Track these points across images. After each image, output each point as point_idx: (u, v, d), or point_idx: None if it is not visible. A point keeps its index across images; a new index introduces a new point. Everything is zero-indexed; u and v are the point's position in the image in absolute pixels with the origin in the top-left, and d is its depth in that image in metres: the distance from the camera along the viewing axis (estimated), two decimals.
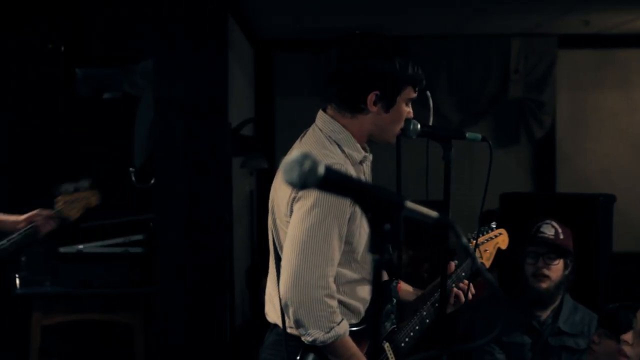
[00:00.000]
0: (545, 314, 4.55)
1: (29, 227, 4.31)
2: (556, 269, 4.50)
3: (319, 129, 2.89)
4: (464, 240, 1.69)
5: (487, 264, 3.45)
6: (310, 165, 1.52)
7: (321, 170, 1.52)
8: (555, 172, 9.45)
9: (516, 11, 7.97)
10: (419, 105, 3.09)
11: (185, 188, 5.39)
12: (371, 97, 2.82)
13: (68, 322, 5.64)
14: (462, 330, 4.87)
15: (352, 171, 2.85)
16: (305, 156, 1.52)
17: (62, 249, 5.49)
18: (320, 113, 2.94)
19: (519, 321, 4.52)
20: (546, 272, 4.49)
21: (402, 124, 2.95)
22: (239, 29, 7.87)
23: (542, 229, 4.55)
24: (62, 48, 6.09)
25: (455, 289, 3.23)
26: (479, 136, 3.22)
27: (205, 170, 5.41)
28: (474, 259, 1.70)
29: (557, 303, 4.57)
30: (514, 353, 4.53)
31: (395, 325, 3.05)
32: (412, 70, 2.89)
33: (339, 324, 2.72)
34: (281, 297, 2.73)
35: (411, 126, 3.03)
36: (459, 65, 9.07)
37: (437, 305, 3.20)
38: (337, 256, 2.74)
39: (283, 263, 2.74)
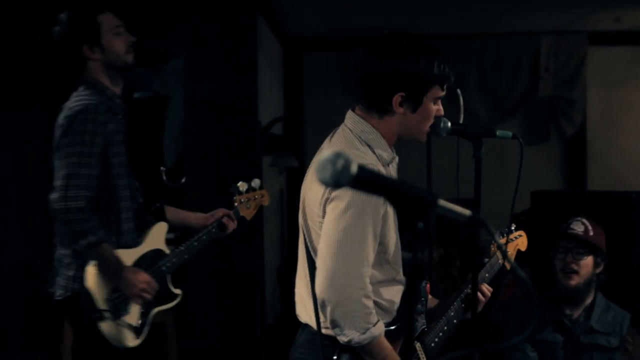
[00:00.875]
0: (577, 312, 4.53)
1: (215, 225, 4.30)
2: (585, 265, 4.48)
3: (349, 129, 2.89)
4: (498, 238, 1.68)
5: (507, 266, 3.44)
6: (344, 164, 1.52)
7: (354, 168, 1.52)
8: (586, 169, 9.40)
9: (546, 9, 7.94)
10: (449, 103, 3.08)
11: (216, 187, 5.40)
12: (396, 99, 2.81)
13: None
14: (493, 328, 4.86)
15: (383, 172, 2.84)
16: (338, 155, 1.52)
17: None
18: (350, 113, 2.93)
19: (551, 319, 4.51)
20: (574, 267, 4.48)
21: (430, 123, 2.93)
22: (268, 28, 7.88)
23: (572, 226, 4.55)
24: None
25: (484, 293, 3.23)
26: (510, 134, 3.21)
27: (235, 169, 5.42)
28: (506, 257, 1.70)
29: (589, 301, 4.55)
30: (545, 351, 4.51)
31: (425, 326, 3.05)
32: (439, 69, 2.87)
33: (374, 325, 2.71)
34: (317, 297, 2.72)
35: (442, 124, 3.02)
36: (489, 63, 9.04)
37: (463, 305, 3.20)
38: (372, 256, 2.72)
39: (319, 264, 2.73)
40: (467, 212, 1.68)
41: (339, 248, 2.67)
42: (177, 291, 4.12)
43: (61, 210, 3.80)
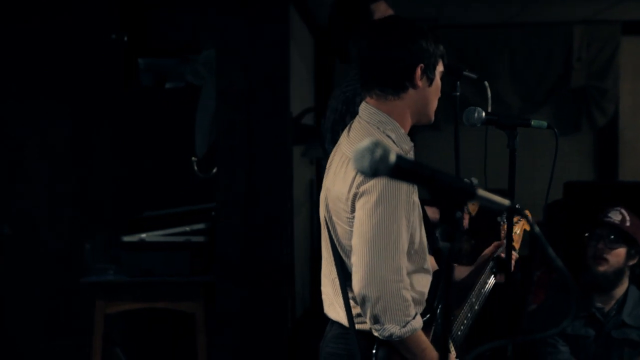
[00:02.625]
0: (609, 306, 4.50)
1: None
2: (616, 254, 4.46)
3: (366, 121, 2.88)
4: (536, 228, 1.67)
5: (517, 246, 3.42)
6: (382, 153, 1.50)
7: (393, 157, 1.51)
8: (618, 160, 9.33)
9: None
10: (478, 95, 3.07)
11: (247, 177, 5.40)
12: (418, 71, 2.81)
13: (131, 310, 5.69)
14: (527, 319, 4.84)
15: None
16: (376, 144, 1.51)
17: (125, 238, 5.54)
18: (364, 105, 2.92)
19: (582, 313, 4.49)
20: (606, 255, 4.46)
21: (437, 98, 2.95)
22: (300, 17, 7.87)
23: (609, 214, 4.53)
24: (125, 38, 6.13)
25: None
26: (545, 124, 3.19)
27: (266, 160, 5.42)
28: (546, 247, 1.68)
29: (621, 294, 4.52)
30: (577, 345, 4.49)
31: (452, 315, 3.04)
32: (439, 45, 2.90)
33: (414, 318, 2.71)
34: (357, 294, 2.70)
35: (476, 114, 3.01)
36: (521, 53, 8.99)
37: (488, 280, 3.20)
38: (406, 247, 2.72)
39: (355, 261, 2.72)
40: (506, 201, 1.67)
41: (375, 243, 2.66)
42: None
43: None
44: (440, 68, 2.91)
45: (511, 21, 8.91)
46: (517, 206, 1.67)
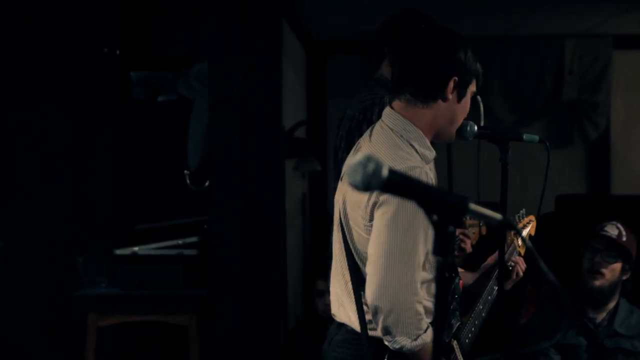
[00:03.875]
0: (601, 316, 4.52)
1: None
2: (612, 269, 4.48)
3: (389, 127, 2.86)
4: (529, 242, 1.68)
5: (522, 251, 3.43)
6: (374, 168, 1.51)
7: (385, 172, 1.52)
8: (610, 173, 9.35)
9: (570, 12, 7.90)
10: (470, 109, 3.08)
11: (239, 190, 5.41)
12: (451, 84, 2.81)
13: (123, 323, 5.68)
14: (519, 333, 4.85)
15: (431, 174, 2.83)
16: (368, 158, 1.52)
17: (117, 251, 5.54)
18: (389, 111, 2.90)
19: (574, 323, 4.50)
20: (602, 269, 4.47)
21: (464, 117, 2.94)
22: (292, 31, 7.89)
23: (606, 228, 4.54)
24: (118, 52, 6.14)
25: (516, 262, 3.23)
26: (537, 138, 3.20)
27: (258, 173, 5.43)
28: (538, 260, 1.69)
29: (612, 305, 4.54)
30: (569, 355, 4.50)
31: (459, 322, 3.04)
32: (478, 64, 2.91)
33: (425, 331, 2.71)
34: (369, 304, 2.71)
35: (468, 128, 3.02)
36: (513, 66, 9.01)
37: (489, 297, 3.21)
38: (422, 260, 2.72)
39: (370, 270, 2.71)
40: (498, 215, 1.68)
41: (391, 255, 2.66)
42: None
43: None
44: (472, 88, 2.91)
45: (503, 35, 8.94)
46: (521, 214, 1.67)
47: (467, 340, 3.05)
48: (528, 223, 3.60)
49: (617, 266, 4.48)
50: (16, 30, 6.19)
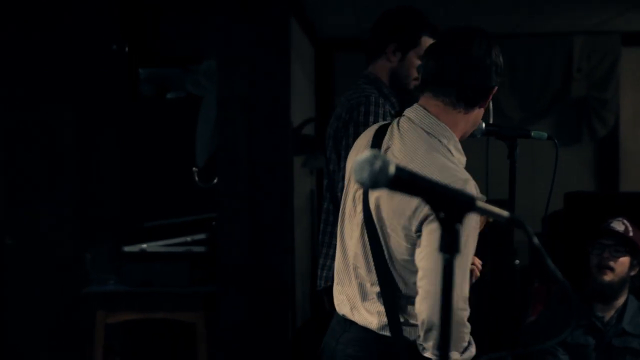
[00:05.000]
0: (609, 314, 4.50)
1: None
2: (621, 263, 4.47)
3: (423, 129, 2.77)
4: (535, 240, 1.67)
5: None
6: (382, 165, 1.51)
7: (392, 169, 1.52)
8: (619, 170, 9.33)
9: (579, 9, 7.89)
10: None
11: (247, 187, 5.41)
12: (493, 91, 2.79)
13: (132, 320, 5.69)
14: (526, 331, 4.84)
15: (474, 185, 2.71)
16: (375, 155, 1.52)
17: (125, 248, 5.55)
18: (421, 111, 2.80)
19: (582, 322, 4.49)
20: (611, 264, 4.46)
21: None
22: (300, 28, 7.89)
23: (612, 224, 4.54)
24: (126, 49, 6.14)
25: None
26: (545, 135, 3.20)
27: (266, 170, 5.43)
28: (545, 259, 1.68)
29: (620, 303, 4.53)
30: (577, 354, 4.49)
31: None
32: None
33: (470, 344, 2.69)
34: (424, 319, 2.63)
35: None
36: (522, 64, 9.00)
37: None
38: None
39: (425, 286, 2.64)
40: (505, 213, 1.67)
41: None
42: None
43: None
44: (494, 90, 2.85)
45: (512, 32, 8.92)
46: (518, 218, 1.67)
47: None
48: None
49: (626, 260, 4.48)
50: (23, 28, 6.20)
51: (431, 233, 2.62)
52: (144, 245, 5.56)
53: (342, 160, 3.85)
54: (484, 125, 3.03)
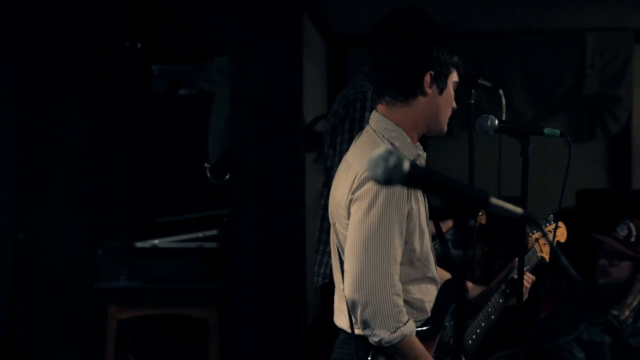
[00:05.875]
0: (624, 314, 4.49)
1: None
2: (618, 270, 4.44)
3: (373, 129, 2.87)
4: (549, 236, 1.67)
5: (547, 258, 3.41)
6: (396, 161, 1.51)
7: (406, 166, 1.52)
8: (631, 168, 9.29)
9: (592, 5, 7.87)
10: (492, 102, 3.06)
11: (259, 183, 5.42)
12: (427, 78, 2.80)
13: (143, 316, 5.71)
14: (539, 327, 4.83)
15: None
16: (390, 152, 1.52)
17: (138, 244, 5.57)
18: (374, 113, 2.91)
19: (598, 320, 4.47)
20: (608, 269, 4.44)
21: (451, 109, 2.93)
22: (312, 24, 7.88)
23: (617, 228, 4.51)
24: (139, 45, 6.16)
25: (526, 281, 3.22)
26: (558, 132, 3.19)
27: (279, 166, 5.43)
28: (559, 256, 1.68)
29: (636, 303, 4.51)
30: (592, 352, 4.47)
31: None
32: (455, 55, 2.89)
33: (405, 324, 2.70)
34: (347, 299, 2.72)
35: (489, 122, 3.01)
36: (534, 60, 8.96)
37: (501, 301, 3.19)
38: (399, 254, 2.72)
39: (346, 266, 2.73)
40: (519, 209, 1.67)
41: (365, 248, 2.67)
42: None
43: None
44: (454, 78, 2.89)
45: (524, 29, 8.90)
46: (531, 215, 1.67)
47: (469, 342, 3.04)
48: (555, 228, 3.58)
49: (625, 266, 4.45)
50: (38, 27, 6.22)
51: (353, 215, 2.72)
52: (156, 241, 5.57)
53: (337, 156, 3.84)
54: (496, 122, 3.02)
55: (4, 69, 6.24)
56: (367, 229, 2.67)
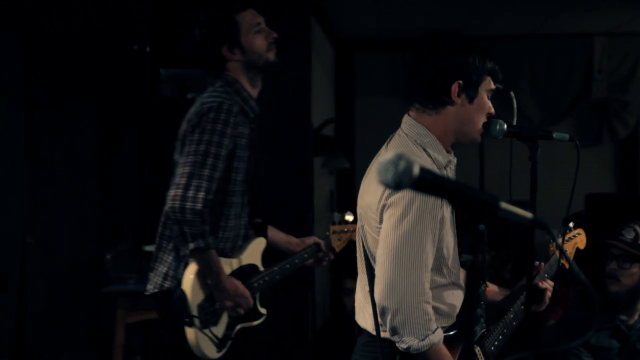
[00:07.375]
0: (633, 319, 4.48)
1: (308, 251, 4.29)
2: (629, 274, 4.42)
3: (405, 133, 2.89)
4: (559, 241, 1.67)
5: (567, 265, 3.41)
6: (405, 166, 1.51)
7: (416, 170, 1.52)
8: (639, 172, 9.29)
9: (600, 10, 7.86)
10: (502, 106, 3.06)
11: (268, 187, 5.41)
12: (454, 87, 2.82)
13: (152, 319, 5.70)
14: (549, 332, 4.82)
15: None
16: (399, 156, 1.52)
17: (146, 248, 5.56)
18: (406, 117, 2.93)
19: (607, 325, 4.46)
20: (618, 275, 4.43)
21: (484, 116, 2.94)
22: (320, 28, 7.89)
23: (623, 232, 4.50)
24: (147, 49, 6.16)
25: (547, 289, 3.23)
26: (567, 136, 3.18)
27: (287, 170, 5.44)
28: (569, 260, 1.68)
29: None
30: (601, 356, 4.46)
31: (484, 329, 3.03)
32: (490, 62, 2.91)
33: (434, 332, 2.70)
34: (377, 304, 2.72)
35: (497, 126, 3.01)
36: (542, 65, 8.97)
37: (523, 307, 3.19)
38: (431, 261, 2.73)
39: (377, 272, 2.73)
40: (528, 214, 1.67)
41: (398, 255, 2.67)
42: (263, 310, 4.04)
43: (177, 209, 3.61)
44: (488, 86, 2.91)
45: (533, 33, 8.90)
46: (541, 219, 1.67)
47: (492, 348, 3.04)
48: (575, 235, 3.59)
49: (635, 271, 4.44)
50: (46, 31, 6.23)
51: (386, 221, 2.73)
52: None
53: (181, 167, 3.74)
54: (505, 126, 3.02)
55: (12, 72, 6.26)
56: (401, 235, 2.68)
